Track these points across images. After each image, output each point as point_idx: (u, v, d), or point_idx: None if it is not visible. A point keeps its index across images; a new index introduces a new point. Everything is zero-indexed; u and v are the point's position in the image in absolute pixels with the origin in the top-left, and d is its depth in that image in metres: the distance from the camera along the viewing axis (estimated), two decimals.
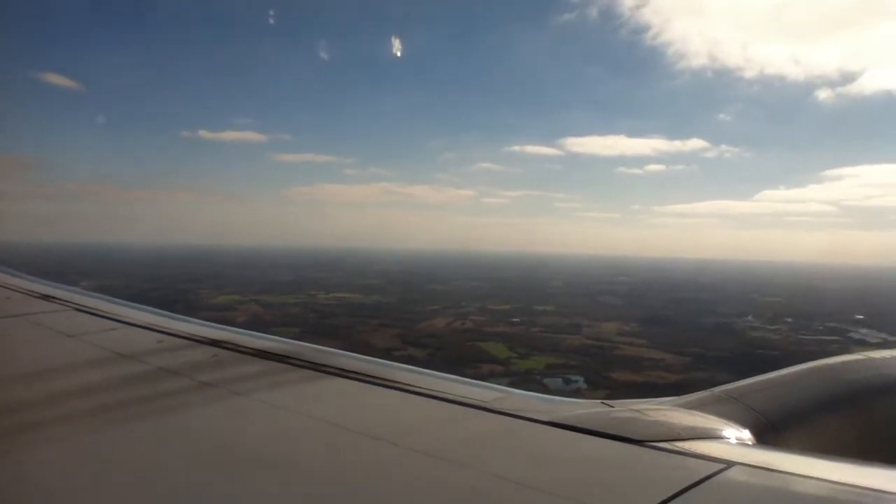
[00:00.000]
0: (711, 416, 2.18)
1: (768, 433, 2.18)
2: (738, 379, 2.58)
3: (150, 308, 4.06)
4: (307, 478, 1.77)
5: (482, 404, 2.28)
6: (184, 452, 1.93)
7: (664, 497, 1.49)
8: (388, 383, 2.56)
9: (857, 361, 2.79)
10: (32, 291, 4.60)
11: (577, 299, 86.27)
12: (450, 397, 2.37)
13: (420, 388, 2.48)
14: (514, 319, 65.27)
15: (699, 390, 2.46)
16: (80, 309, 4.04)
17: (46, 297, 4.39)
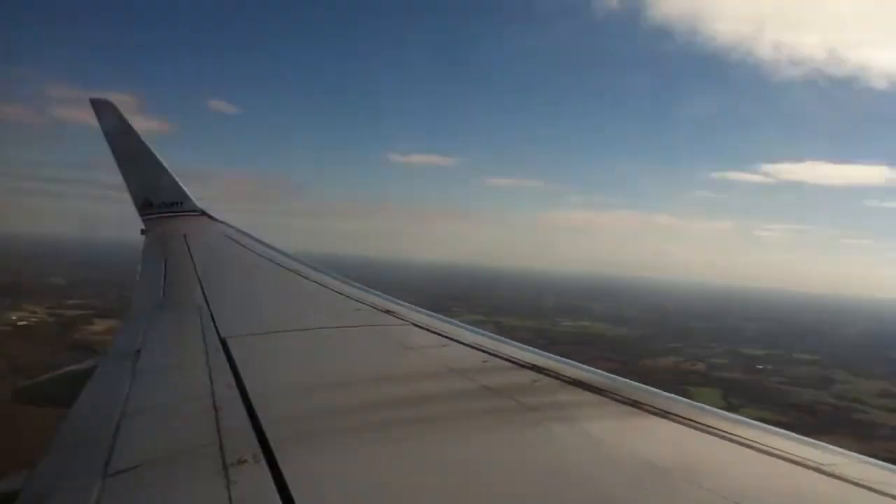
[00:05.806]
0: None
1: None
2: None
3: (475, 329, 4.42)
4: None
5: (826, 468, 2.03)
6: (505, 471, 2.07)
7: None
8: (710, 430, 2.40)
9: None
10: (377, 305, 5.16)
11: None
12: (785, 455, 2.14)
13: (748, 440, 2.29)
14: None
15: None
16: (416, 324, 4.49)
17: (388, 312, 4.90)
